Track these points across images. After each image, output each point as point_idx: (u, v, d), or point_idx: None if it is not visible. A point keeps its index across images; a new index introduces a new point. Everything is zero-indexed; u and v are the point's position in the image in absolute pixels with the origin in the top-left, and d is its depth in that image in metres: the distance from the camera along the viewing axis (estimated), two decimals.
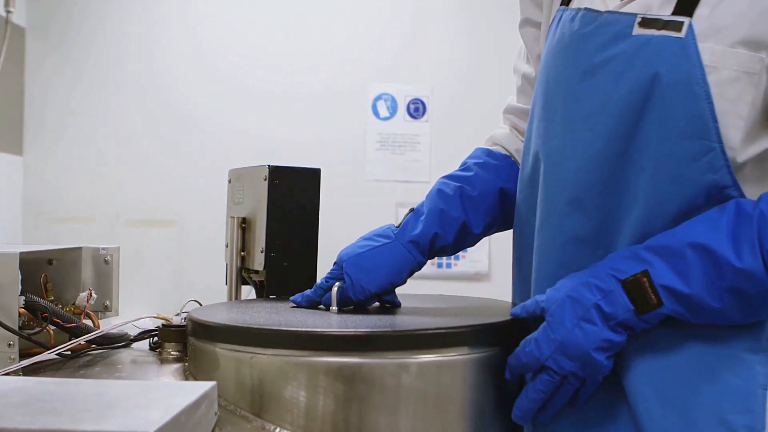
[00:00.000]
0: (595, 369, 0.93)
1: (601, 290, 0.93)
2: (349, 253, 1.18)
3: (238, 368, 0.91)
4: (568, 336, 0.92)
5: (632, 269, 0.92)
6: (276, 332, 0.93)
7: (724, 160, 0.92)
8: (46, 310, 1.08)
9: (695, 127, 0.92)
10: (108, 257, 1.28)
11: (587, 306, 0.93)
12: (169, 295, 3.32)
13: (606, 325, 0.92)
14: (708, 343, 0.94)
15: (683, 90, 0.92)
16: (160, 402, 0.72)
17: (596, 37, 0.99)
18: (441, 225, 1.18)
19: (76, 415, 0.68)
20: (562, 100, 1.03)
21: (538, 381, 0.95)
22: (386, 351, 0.90)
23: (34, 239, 3.52)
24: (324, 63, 3.69)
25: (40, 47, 3.60)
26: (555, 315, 0.94)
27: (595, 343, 0.92)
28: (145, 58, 3.64)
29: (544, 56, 1.09)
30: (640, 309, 0.92)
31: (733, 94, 0.92)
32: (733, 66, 0.91)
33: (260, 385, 0.89)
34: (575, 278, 0.96)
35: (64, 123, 3.60)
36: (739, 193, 0.93)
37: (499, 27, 3.72)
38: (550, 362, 0.93)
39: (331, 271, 1.18)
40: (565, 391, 0.95)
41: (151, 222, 3.58)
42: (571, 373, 0.93)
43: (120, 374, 1.05)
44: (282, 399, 0.88)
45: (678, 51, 0.92)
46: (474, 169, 1.24)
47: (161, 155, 3.60)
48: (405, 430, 0.89)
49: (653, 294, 0.91)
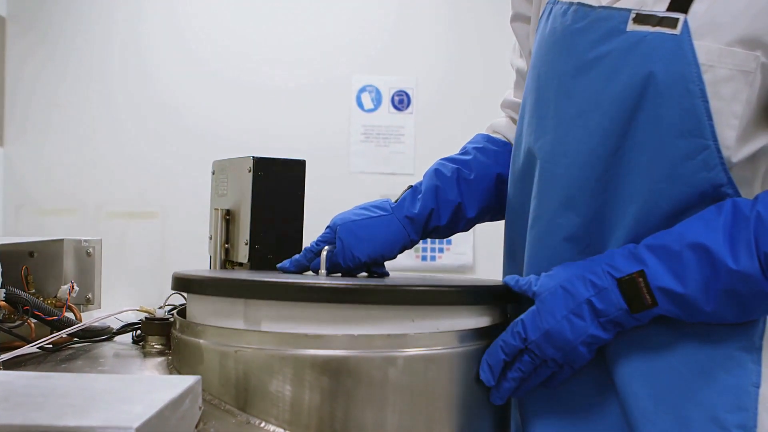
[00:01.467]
0: (577, 359, 0.94)
1: (595, 286, 0.93)
2: (344, 219, 1.18)
3: (223, 362, 0.90)
4: (555, 327, 0.93)
5: (629, 268, 0.92)
6: (268, 284, 0.93)
7: (718, 158, 0.91)
8: (27, 303, 1.06)
9: (690, 125, 0.91)
10: (90, 249, 1.27)
11: (579, 301, 0.92)
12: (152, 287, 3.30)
13: (595, 321, 0.92)
14: (702, 342, 0.94)
15: (678, 88, 0.91)
16: (144, 396, 0.71)
17: (589, 33, 0.98)
18: (436, 204, 1.19)
19: (57, 409, 0.67)
20: (554, 96, 1.02)
21: (518, 361, 0.95)
22: (384, 304, 0.91)
23: (16, 231, 3.49)
24: (308, 55, 3.68)
25: (21, 37, 3.57)
26: (546, 303, 0.94)
27: (581, 337, 0.92)
28: (129, 49, 3.62)
29: (535, 50, 1.08)
30: (634, 308, 0.92)
31: (728, 92, 0.91)
32: (728, 65, 0.90)
33: (245, 379, 0.88)
34: (571, 269, 0.96)
35: (46, 114, 3.57)
36: (734, 191, 0.92)
37: (484, 19, 3.72)
38: (533, 346, 0.94)
39: (322, 234, 1.19)
40: (542, 372, 0.97)
41: (134, 214, 3.56)
42: (552, 359, 0.94)
43: (102, 368, 1.03)
44: (267, 393, 0.87)
45: (673, 48, 0.91)
46: (473, 153, 1.25)
47: (144, 146, 3.58)
48: (391, 424, 0.88)
49: (648, 294, 0.91)
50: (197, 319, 0.99)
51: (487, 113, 1.54)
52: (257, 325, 0.91)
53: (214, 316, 0.96)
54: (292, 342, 0.87)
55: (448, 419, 0.92)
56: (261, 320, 0.92)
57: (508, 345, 0.95)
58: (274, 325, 0.91)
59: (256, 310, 0.92)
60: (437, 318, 0.94)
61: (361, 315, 0.91)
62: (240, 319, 0.93)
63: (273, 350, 0.87)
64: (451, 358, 0.92)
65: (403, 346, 0.89)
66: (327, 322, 0.90)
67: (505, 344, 0.95)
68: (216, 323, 0.95)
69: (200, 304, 0.99)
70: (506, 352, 0.95)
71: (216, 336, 0.92)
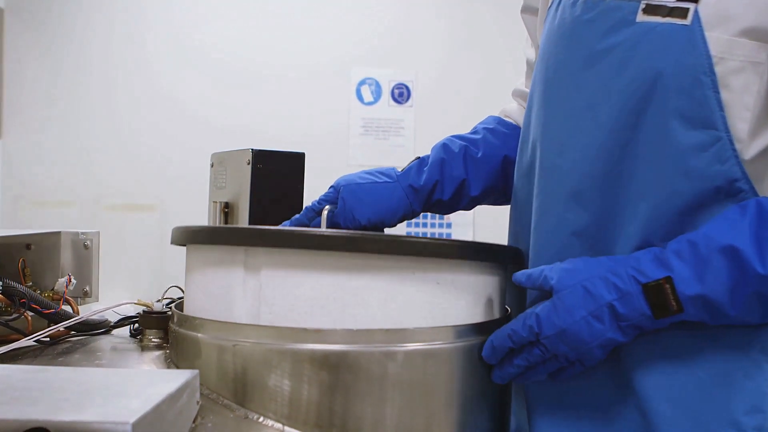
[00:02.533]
0: (591, 359, 0.92)
1: (618, 290, 0.89)
2: (349, 180, 1.18)
3: (221, 356, 0.89)
4: (572, 327, 0.90)
5: (656, 273, 0.88)
6: (269, 232, 0.93)
7: (732, 151, 0.90)
8: (23, 296, 1.06)
9: (702, 116, 0.90)
10: (88, 242, 1.26)
11: (600, 303, 0.89)
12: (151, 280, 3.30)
13: (614, 325, 0.89)
14: (719, 345, 0.92)
15: (689, 79, 0.90)
16: (141, 391, 0.71)
17: (598, 24, 0.96)
18: (441, 177, 1.19)
19: (53, 404, 0.66)
20: (563, 88, 1.01)
21: (526, 351, 0.93)
22: (384, 253, 0.90)
23: (13, 223, 3.48)
24: (308, 47, 3.67)
25: (19, 29, 3.56)
26: (564, 301, 0.91)
27: (598, 341, 0.90)
28: (128, 41, 3.61)
29: (543, 42, 1.07)
30: (658, 314, 0.88)
31: (738, 84, 0.90)
32: (739, 56, 0.89)
33: (243, 373, 0.87)
34: (593, 267, 0.92)
35: (44, 106, 3.56)
36: (749, 187, 0.90)
37: (483, 13, 3.71)
38: (546, 341, 0.91)
39: (325, 193, 1.19)
40: (551, 365, 0.94)
41: (132, 206, 3.55)
42: (564, 355, 0.92)
43: (100, 362, 1.03)
44: (266, 388, 0.86)
45: (684, 39, 0.90)
46: (482, 133, 1.26)
47: (143, 139, 3.57)
48: (390, 419, 0.88)
49: (674, 301, 0.88)
50: (196, 272, 0.98)
51: (487, 106, 1.54)
52: (257, 272, 0.91)
53: (214, 266, 0.95)
54: (290, 336, 0.86)
55: (447, 414, 0.92)
56: (261, 267, 0.91)
57: (517, 335, 0.92)
58: (273, 274, 0.90)
59: (255, 257, 0.91)
60: (438, 271, 0.93)
61: (361, 264, 0.90)
62: (240, 267, 0.92)
63: (271, 344, 0.87)
64: (450, 353, 0.92)
65: (403, 340, 0.88)
66: (326, 270, 0.89)
67: (514, 333, 0.93)
68: (216, 274, 0.95)
69: (200, 255, 0.98)
70: (514, 341, 0.93)
71: (214, 330, 0.91)
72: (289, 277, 0.90)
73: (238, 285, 0.92)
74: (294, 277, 0.90)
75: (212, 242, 0.97)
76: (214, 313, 0.94)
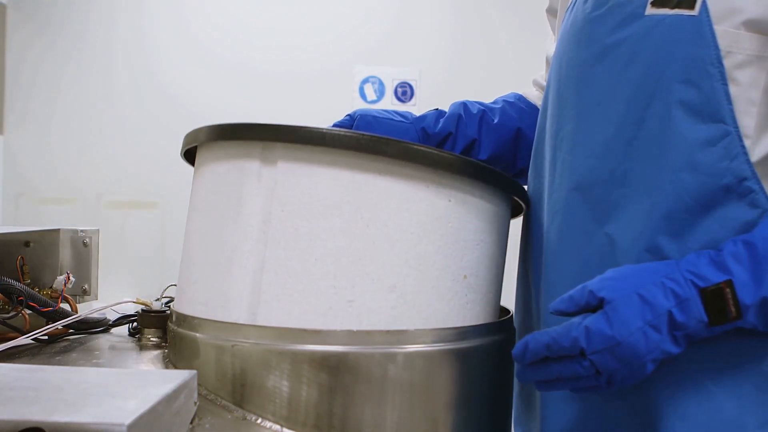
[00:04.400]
0: (637, 377, 0.86)
1: (677, 296, 0.83)
2: (366, 112, 1.19)
3: (220, 356, 0.88)
4: (628, 339, 0.83)
5: (715, 277, 0.83)
6: (288, 127, 0.91)
7: (740, 147, 0.88)
8: (21, 294, 1.05)
9: (710, 109, 0.88)
10: (87, 239, 1.25)
11: (659, 312, 0.83)
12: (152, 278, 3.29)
13: (670, 335, 0.84)
14: (731, 358, 0.89)
15: (696, 70, 0.88)
16: (138, 391, 0.70)
17: (608, 19, 0.96)
18: (455, 131, 1.20)
19: (49, 404, 0.66)
20: (574, 85, 1.00)
21: (564, 365, 0.86)
22: (401, 159, 0.89)
23: (15, 220, 3.48)
24: (311, 45, 3.66)
25: (22, 25, 3.55)
26: (619, 311, 0.84)
27: (654, 353, 0.84)
28: (132, 38, 3.60)
29: (558, 42, 1.07)
30: (714, 321, 0.83)
31: (745, 78, 0.88)
32: (746, 50, 0.88)
33: (242, 374, 0.86)
34: (643, 273, 0.87)
35: (47, 103, 3.56)
36: (759, 187, 0.88)
37: (487, 10, 3.70)
38: (596, 357, 0.84)
39: (340, 120, 1.21)
40: (585, 382, 0.87)
41: (134, 203, 3.54)
42: (610, 372, 0.85)
43: (98, 361, 1.02)
44: (264, 389, 0.85)
45: (691, 29, 0.89)
46: (501, 104, 1.27)
47: (145, 135, 3.57)
48: (391, 422, 0.87)
49: (734, 306, 0.83)
50: (206, 172, 0.97)
51: None
52: (273, 164, 0.90)
53: (228, 161, 0.94)
54: (290, 337, 0.86)
55: (447, 417, 0.91)
56: (277, 160, 0.90)
57: (558, 345, 0.85)
58: (291, 166, 0.90)
59: (273, 151, 0.90)
60: (450, 188, 0.92)
61: (378, 168, 0.89)
62: (256, 160, 0.91)
63: (270, 345, 0.86)
64: (451, 354, 0.91)
65: (403, 342, 0.87)
66: (345, 168, 0.89)
67: (555, 343, 0.86)
68: (229, 170, 0.94)
69: (213, 154, 0.97)
70: (552, 350, 0.86)
71: (213, 330, 0.90)
72: (306, 172, 0.89)
73: (252, 179, 0.91)
74: (311, 172, 0.89)
75: (229, 137, 0.95)
76: (221, 218, 0.92)
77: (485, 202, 0.97)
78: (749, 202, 0.89)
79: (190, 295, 0.97)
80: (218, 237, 0.94)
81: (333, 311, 0.87)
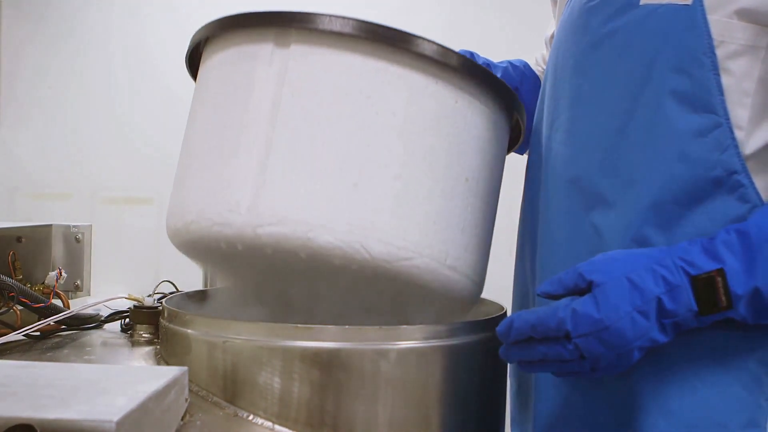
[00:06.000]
0: (623, 365, 0.84)
1: (667, 282, 0.82)
2: None
3: (211, 353, 0.88)
4: (616, 324, 0.81)
5: (707, 265, 0.82)
6: (310, 14, 0.90)
7: (731, 139, 0.87)
8: (13, 290, 1.04)
9: (701, 99, 0.88)
10: (79, 235, 1.25)
11: (648, 297, 0.82)
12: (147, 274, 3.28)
13: (658, 323, 0.83)
14: (716, 353, 0.88)
15: (688, 59, 0.88)
16: (127, 388, 0.70)
17: (604, 9, 0.96)
18: None
19: (38, 401, 0.65)
20: (569, 75, 1.00)
21: (548, 347, 0.85)
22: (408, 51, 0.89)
23: (10, 215, 3.47)
24: None
25: (17, 20, 3.54)
26: (608, 295, 0.82)
27: (641, 340, 0.82)
28: (129, 33, 3.59)
29: (557, 31, 1.08)
30: (704, 310, 0.82)
31: (738, 69, 0.88)
32: (738, 39, 0.87)
33: (233, 370, 0.86)
34: (635, 258, 0.86)
35: (43, 98, 3.54)
36: (748, 182, 0.88)
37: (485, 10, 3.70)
38: (581, 341, 0.82)
39: None
40: (570, 366, 0.85)
41: (129, 199, 3.54)
42: (596, 358, 0.83)
43: (89, 357, 1.01)
44: (256, 385, 0.85)
45: (684, 18, 0.88)
46: (506, 64, 1.30)
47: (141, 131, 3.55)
48: (383, 418, 0.86)
49: (725, 296, 0.82)
50: (215, 65, 0.97)
51: None
52: (286, 47, 0.90)
53: (241, 47, 0.94)
54: (281, 333, 0.85)
55: (439, 413, 0.90)
56: (290, 45, 0.90)
57: (544, 326, 0.84)
58: (303, 49, 0.89)
59: (286, 37, 0.90)
60: (457, 88, 0.92)
61: (391, 59, 0.89)
62: (269, 43, 0.91)
63: (262, 341, 0.85)
64: (443, 351, 0.90)
65: (396, 338, 0.87)
66: (358, 55, 0.88)
67: (541, 324, 0.84)
68: (240, 58, 0.93)
69: (223, 43, 0.97)
70: (537, 331, 0.85)
71: (204, 326, 0.90)
72: (319, 59, 0.88)
73: (263, 65, 0.90)
74: (324, 58, 0.88)
75: (243, 26, 0.94)
76: (229, 104, 0.92)
77: (489, 111, 0.97)
78: (739, 197, 0.88)
79: (188, 186, 0.96)
80: (225, 122, 0.92)
81: (339, 195, 0.86)
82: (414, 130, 0.90)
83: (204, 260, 1.02)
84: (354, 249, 0.85)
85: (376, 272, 0.87)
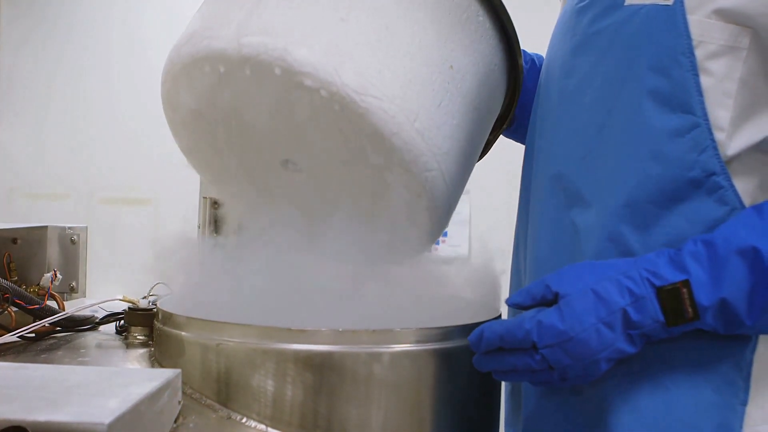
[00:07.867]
0: (591, 375, 0.85)
1: (632, 294, 0.83)
2: None
3: (204, 355, 0.88)
4: (580, 335, 0.82)
5: (672, 276, 0.82)
6: None
7: (710, 140, 0.87)
8: (7, 291, 1.04)
9: (679, 99, 0.88)
10: (75, 237, 1.25)
11: (613, 309, 0.82)
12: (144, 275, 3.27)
13: (624, 334, 0.83)
14: (689, 357, 0.88)
15: (667, 59, 0.88)
16: (120, 390, 0.70)
17: (591, 10, 0.97)
18: None
19: (29, 403, 0.65)
20: (558, 75, 1.02)
21: (517, 357, 0.86)
22: None
23: (7, 215, 3.47)
24: None
25: (16, 19, 3.54)
26: (573, 307, 0.83)
27: (607, 351, 0.83)
28: (128, 34, 3.59)
29: (552, 34, 1.09)
30: (671, 321, 0.82)
31: (718, 70, 0.87)
32: (717, 39, 0.87)
33: (227, 373, 0.86)
34: (600, 269, 0.87)
35: (41, 98, 3.54)
36: (728, 184, 0.87)
37: None
38: (546, 351, 0.83)
39: None
40: (541, 376, 0.87)
41: (126, 200, 3.53)
42: (563, 368, 0.84)
43: (83, 359, 1.01)
44: (249, 388, 0.85)
45: (665, 19, 0.88)
46: (534, 56, 1.28)
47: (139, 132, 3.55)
48: (376, 422, 0.86)
49: (691, 307, 0.82)
50: None
51: None
52: None
53: None
54: (275, 336, 0.85)
55: (432, 416, 0.90)
56: None
57: (511, 336, 0.85)
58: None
59: None
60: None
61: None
62: None
63: (255, 344, 0.85)
64: (436, 354, 0.90)
65: (389, 342, 0.87)
66: None
67: (508, 334, 0.85)
68: None
69: None
70: (506, 341, 0.86)
71: (198, 328, 0.90)
72: None
73: None
74: None
75: None
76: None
77: (492, 42, 0.99)
78: (717, 199, 0.88)
79: (193, 18, 1.03)
80: None
81: (325, 22, 0.89)
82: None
83: (186, 117, 1.12)
84: (327, 72, 0.86)
85: (344, 104, 0.87)
